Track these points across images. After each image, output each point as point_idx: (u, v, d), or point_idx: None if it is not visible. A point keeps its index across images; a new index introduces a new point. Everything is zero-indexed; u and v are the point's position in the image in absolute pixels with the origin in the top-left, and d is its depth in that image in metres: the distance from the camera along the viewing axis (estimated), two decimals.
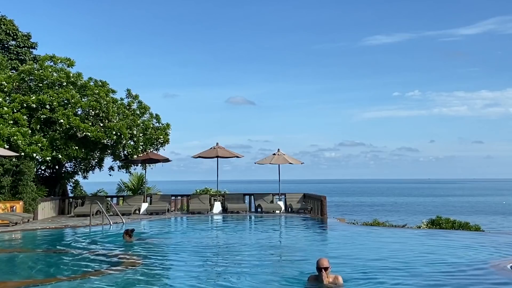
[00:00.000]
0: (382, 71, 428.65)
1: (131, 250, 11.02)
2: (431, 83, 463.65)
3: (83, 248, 11.36)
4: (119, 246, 11.73)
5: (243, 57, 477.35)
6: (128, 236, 12.28)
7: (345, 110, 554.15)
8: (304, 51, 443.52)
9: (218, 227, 17.41)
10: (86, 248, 11.38)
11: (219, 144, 22.15)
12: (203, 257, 10.41)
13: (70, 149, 18.71)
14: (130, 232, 12.35)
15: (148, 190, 25.42)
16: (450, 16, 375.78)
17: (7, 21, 25.32)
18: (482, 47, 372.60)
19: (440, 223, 16.60)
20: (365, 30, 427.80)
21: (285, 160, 21.67)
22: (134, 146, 21.02)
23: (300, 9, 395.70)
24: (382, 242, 12.82)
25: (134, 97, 22.69)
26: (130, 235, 12.30)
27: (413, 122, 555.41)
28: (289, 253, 11.20)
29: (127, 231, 12.42)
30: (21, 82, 20.07)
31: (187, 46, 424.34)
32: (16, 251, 11.65)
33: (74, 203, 21.12)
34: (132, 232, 12.39)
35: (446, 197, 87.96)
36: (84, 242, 12.50)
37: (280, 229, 16.74)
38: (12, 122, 18.32)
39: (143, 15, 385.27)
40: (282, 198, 22.09)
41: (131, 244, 11.94)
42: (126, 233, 12.39)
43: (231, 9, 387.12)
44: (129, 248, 11.31)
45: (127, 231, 12.42)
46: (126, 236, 12.30)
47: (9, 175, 17.68)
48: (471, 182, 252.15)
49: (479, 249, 11.18)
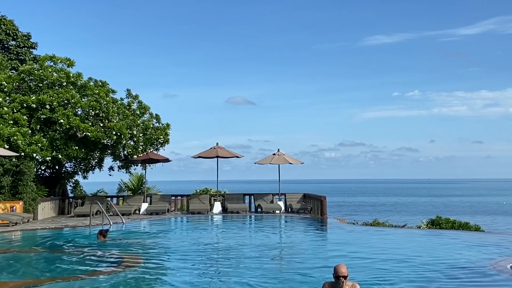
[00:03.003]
0: (382, 71, 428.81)
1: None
2: (431, 83, 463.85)
3: (83, 248, 11.37)
4: (118, 246, 11.74)
5: (243, 57, 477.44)
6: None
7: (345, 110, 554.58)
8: (304, 51, 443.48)
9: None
10: (86, 248, 11.39)
11: (219, 144, 22.14)
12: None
13: (70, 149, 18.70)
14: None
15: (148, 190, 25.41)
16: (450, 16, 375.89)
17: (7, 21, 25.31)
18: (482, 47, 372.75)
19: (440, 223, 16.59)
20: (365, 30, 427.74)
21: (285, 160, 21.66)
22: (134, 146, 21.01)
23: (300, 9, 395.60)
24: (382, 242, 12.81)
25: (134, 97, 22.68)
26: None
27: (413, 122, 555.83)
28: (289, 254, 11.19)
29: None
30: (21, 82, 20.06)
31: (187, 46, 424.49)
32: (16, 251, 11.64)
33: (74, 203, 21.11)
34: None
35: (446, 197, 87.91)
36: (84, 242, 12.50)
37: (280, 229, 16.72)
38: (12, 122, 18.31)
39: (143, 15, 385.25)
40: (282, 198, 22.08)
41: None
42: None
43: (231, 9, 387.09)
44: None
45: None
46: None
47: (9, 175, 17.68)
48: (471, 182, 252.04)
49: (479, 249, 11.18)
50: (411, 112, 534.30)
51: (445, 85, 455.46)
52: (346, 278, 6.14)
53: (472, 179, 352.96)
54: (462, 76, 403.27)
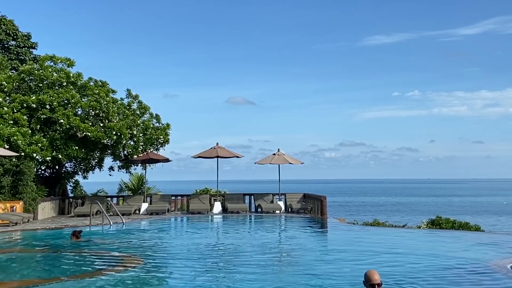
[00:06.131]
0: (382, 71, 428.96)
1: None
2: (431, 83, 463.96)
3: (83, 248, 11.37)
4: (118, 246, 11.74)
5: (243, 57, 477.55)
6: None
7: (345, 110, 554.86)
8: (304, 51, 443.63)
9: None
10: (86, 248, 11.39)
11: (219, 144, 22.14)
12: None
13: (70, 149, 18.70)
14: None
15: (148, 190, 25.41)
16: (450, 16, 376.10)
17: (7, 21, 25.31)
18: (482, 47, 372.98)
19: (440, 223, 16.58)
20: (365, 30, 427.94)
21: (285, 160, 21.65)
22: (134, 146, 21.01)
23: (300, 9, 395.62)
24: (382, 242, 12.80)
25: (134, 97, 22.67)
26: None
27: (413, 122, 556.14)
28: (289, 254, 11.18)
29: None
30: (21, 82, 20.06)
31: (187, 46, 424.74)
32: (16, 251, 11.64)
33: (74, 203, 21.11)
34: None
35: (446, 197, 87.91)
36: (84, 242, 12.50)
37: (280, 230, 16.72)
38: (12, 122, 18.31)
39: (143, 15, 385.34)
40: (282, 198, 22.08)
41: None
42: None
43: (231, 9, 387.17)
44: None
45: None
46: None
47: (9, 175, 17.67)
48: (471, 182, 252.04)
49: (479, 249, 11.18)
50: (411, 112, 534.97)
51: (445, 85, 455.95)
52: (381, 286, 5.61)
53: (472, 179, 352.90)
54: (462, 76, 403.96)
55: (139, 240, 13.01)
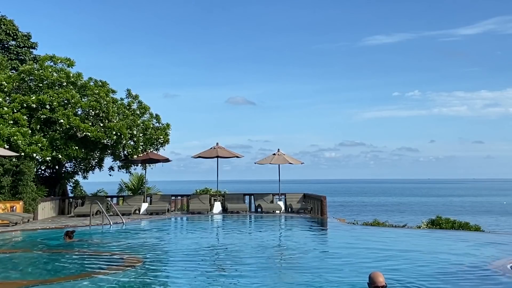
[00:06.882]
0: (382, 71, 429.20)
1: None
2: (431, 83, 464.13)
3: (83, 248, 11.37)
4: (118, 246, 11.74)
5: (243, 57, 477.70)
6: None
7: (345, 110, 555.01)
8: (304, 51, 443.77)
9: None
10: (86, 248, 11.39)
11: (219, 144, 22.13)
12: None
13: (70, 149, 18.70)
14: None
15: (148, 190, 25.40)
16: (450, 16, 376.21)
17: (7, 21, 25.31)
18: (482, 47, 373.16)
19: (440, 223, 16.59)
20: (365, 30, 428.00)
21: (285, 160, 21.65)
22: (134, 146, 21.00)
23: (300, 9, 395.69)
24: (382, 243, 12.79)
25: (134, 97, 22.67)
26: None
27: (413, 122, 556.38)
28: (289, 254, 11.17)
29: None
30: (21, 82, 20.06)
31: (187, 46, 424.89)
32: (16, 251, 11.64)
33: (74, 203, 21.11)
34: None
35: (446, 197, 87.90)
36: (84, 242, 12.50)
37: (280, 230, 16.71)
38: (12, 122, 18.31)
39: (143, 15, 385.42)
40: (282, 198, 22.07)
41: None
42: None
43: (231, 9, 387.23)
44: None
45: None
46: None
47: (9, 175, 17.67)
48: (471, 182, 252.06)
49: (479, 249, 11.17)
50: (411, 112, 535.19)
51: (445, 85, 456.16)
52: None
53: (472, 179, 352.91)
54: (462, 76, 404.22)
55: (139, 240, 13.01)
